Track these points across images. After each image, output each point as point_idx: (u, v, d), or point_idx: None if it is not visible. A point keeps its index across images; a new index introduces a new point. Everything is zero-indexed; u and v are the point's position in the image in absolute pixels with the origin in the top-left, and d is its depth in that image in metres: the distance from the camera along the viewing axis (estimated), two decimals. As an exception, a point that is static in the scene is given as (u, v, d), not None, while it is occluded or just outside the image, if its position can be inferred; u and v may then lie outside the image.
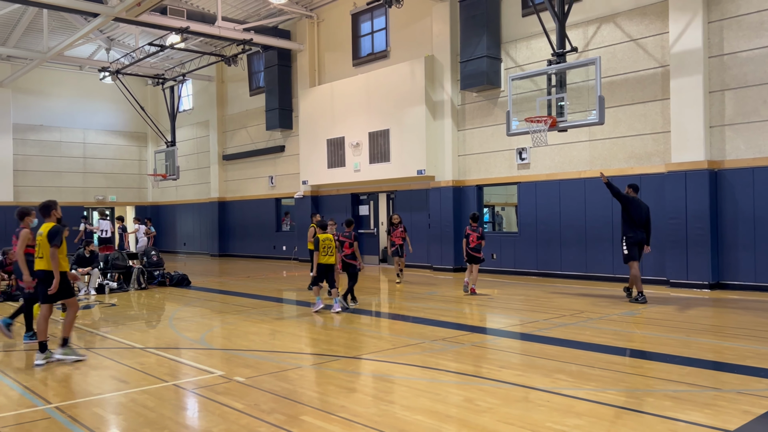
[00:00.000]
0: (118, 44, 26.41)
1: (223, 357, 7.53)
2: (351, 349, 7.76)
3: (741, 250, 12.41)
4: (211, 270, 20.50)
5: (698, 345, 7.51)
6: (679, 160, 13.00)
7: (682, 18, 12.87)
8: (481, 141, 17.14)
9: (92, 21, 18.74)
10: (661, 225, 13.42)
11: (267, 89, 23.61)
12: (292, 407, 5.31)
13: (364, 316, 10.54)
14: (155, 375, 6.55)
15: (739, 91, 12.44)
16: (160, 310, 11.80)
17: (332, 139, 20.74)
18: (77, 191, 28.47)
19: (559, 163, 15.36)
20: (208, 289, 14.65)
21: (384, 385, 6.12)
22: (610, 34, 14.32)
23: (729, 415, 4.82)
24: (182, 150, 27.43)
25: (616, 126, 14.18)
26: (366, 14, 20.65)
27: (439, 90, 17.84)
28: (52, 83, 28.23)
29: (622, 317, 9.54)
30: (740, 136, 12.47)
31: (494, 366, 6.61)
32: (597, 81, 11.30)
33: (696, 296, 11.83)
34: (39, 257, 7.16)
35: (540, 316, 9.88)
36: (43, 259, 7.13)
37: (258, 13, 22.39)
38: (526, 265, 16.04)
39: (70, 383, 6.40)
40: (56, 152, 28.53)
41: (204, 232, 28.05)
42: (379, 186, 20.17)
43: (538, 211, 15.76)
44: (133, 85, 27.65)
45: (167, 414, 5.26)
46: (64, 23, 23.19)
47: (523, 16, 16.09)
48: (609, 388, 5.64)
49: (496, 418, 4.88)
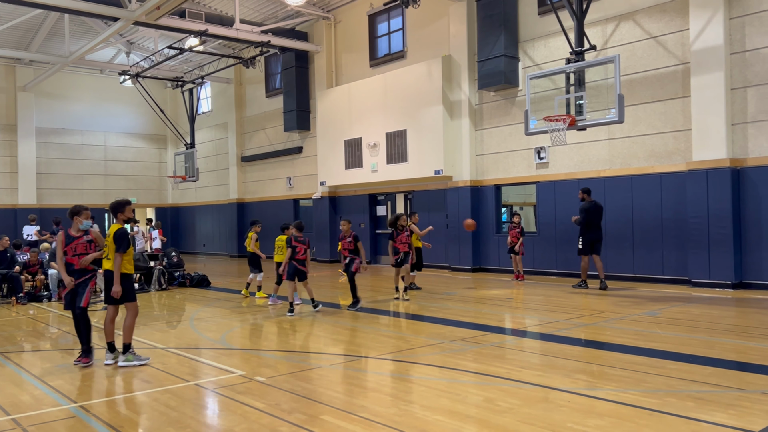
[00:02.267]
0: (137, 48, 26.73)
1: (243, 357, 7.59)
2: (370, 349, 7.78)
3: (764, 249, 12.22)
4: (231, 271, 20.65)
5: (721, 345, 7.42)
6: (700, 159, 12.84)
7: (702, 14, 12.71)
8: (499, 140, 17.08)
9: (112, 25, 19.00)
10: (682, 224, 13.29)
11: (284, 91, 23.73)
12: (312, 407, 5.34)
13: (382, 316, 10.56)
14: (177, 375, 6.62)
15: (762, 88, 12.26)
16: (180, 311, 11.92)
17: (349, 139, 20.79)
18: (98, 193, 28.83)
19: (578, 163, 15.25)
20: (228, 290, 14.75)
21: (404, 385, 6.13)
22: (630, 31, 14.19)
23: (754, 416, 4.76)
24: (201, 152, 27.67)
25: (635, 124, 14.05)
26: (383, 15, 20.66)
27: (456, 90, 17.80)
28: (73, 87, 28.63)
29: (644, 317, 9.45)
30: (763, 134, 12.28)
31: (514, 366, 6.59)
32: (616, 79, 11.20)
33: (719, 296, 11.68)
34: (106, 258, 7.14)
35: (560, 316, 9.82)
36: (110, 260, 7.09)
37: (275, 15, 22.52)
38: (546, 264, 15.95)
39: (95, 383, 6.49)
40: (78, 155, 28.92)
41: (223, 233, 28.27)
42: (396, 186, 20.17)
43: (557, 210, 15.66)
44: (152, 88, 27.95)
45: (189, 413, 5.32)
46: (84, 27, 23.52)
47: (541, 15, 16.00)
48: (630, 389, 5.60)
49: (517, 419, 4.86)
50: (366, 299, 12.45)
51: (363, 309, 10.96)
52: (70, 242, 7.14)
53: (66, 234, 7.22)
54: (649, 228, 13.91)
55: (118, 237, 7.01)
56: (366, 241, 21.27)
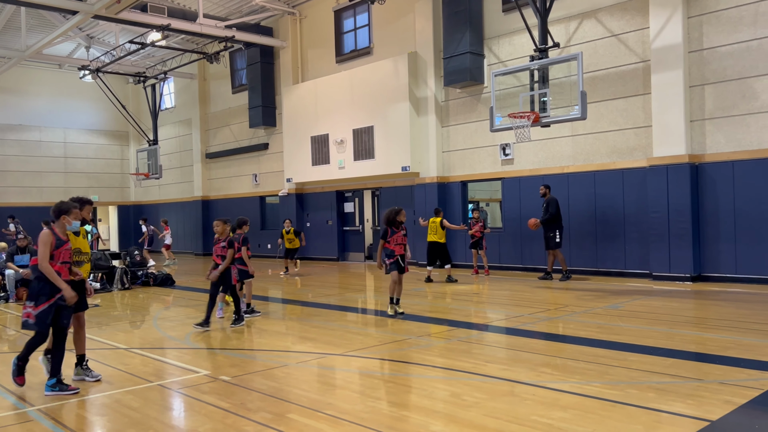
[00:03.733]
0: (98, 42, 26.10)
1: (208, 356, 7.49)
2: (337, 346, 7.75)
3: (722, 242, 12.57)
4: (196, 269, 20.37)
5: (681, 337, 7.60)
6: (660, 155, 13.13)
7: (662, 13, 12.98)
8: (464, 137, 17.19)
9: (71, 19, 18.51)
10: (643, 219, 13.58)
11: (250, 87, 23.47)
12: (278, 405, 5.29)
13: (350, 313, 10.54)
14: (140, 375, 6.50)
15: (719, 86, 12.59)
16: (144, 310, 11.71)
17: (316, 136, 20.68)
18: (58, 191, 28.10)
19: (543, 159, 15.44)
20: (193, 289, 14.55)
21: (371, 381, 6.13)
22: (592, 29, 14.42)
23: (711, 405, 4.88)
24: (165, 149, 27.23)
25: (598, 121, 14.29)
26: (348, 11, 20.59)
27: (422, 86, 17.86)
28: (31, 82, 27.86)
29: (606, 310, 9.63)
30: (720, 131, 12.62)
31: (480, 361, 6.64)
32: (579, 76, 11.36)
33: (678, 289, 11.97)
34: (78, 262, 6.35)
35: (525, 310, 9.94)
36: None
37: (240, 10, 22.25)
38: (511, 259, 16.13)
39: (54, 385, 6.32)
40: (36, 152, 28.18)
41: (188, 231, 27.87)
42: (363, 183, 20.15)
43: (522, 206, 15.84)
44: (113, 83, 27.37)
45: (153, 414, 5.22)
46: (42, 21, 22.87)
47: (505, 12, 16.14)
48: (594, 381, 5.69)
49: (483, 413, 4.90)
50: (334, 296, 12.42)
51: (330, 306, 10.90)
52: (58, 246, 5.83)
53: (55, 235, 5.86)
54: (611, 223, 14.18)
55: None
56: (333, 238, 21.23)
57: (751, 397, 5.06)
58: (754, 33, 12.08)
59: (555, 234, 13.69)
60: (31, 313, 5.72)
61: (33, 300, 5.76)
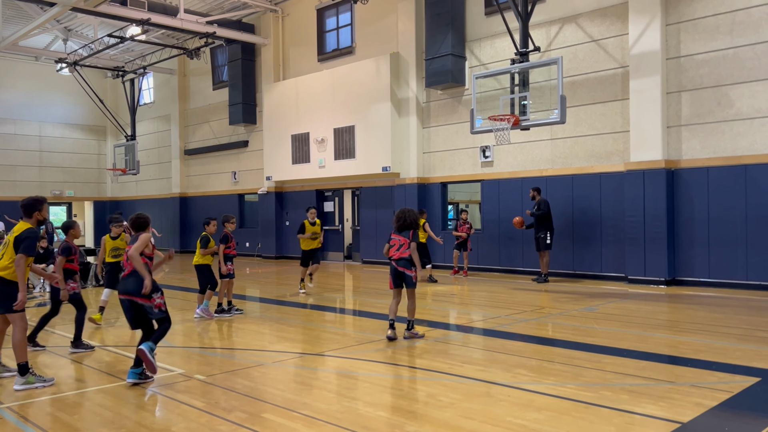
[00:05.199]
0: (76, 35, 25.69)
1: (183, 355, 7.42)
2: (314, 345, 7.73)
3: (696, 247, 12.77)
4: (172, 266, 20.16)
5: (654, 340, 7.70)
6: (637, 159, 13.29)
7: (641, 20, 13.15)
8: (445, 138, 17.24)
9: (48, 10, 18.20)
10: (620, 223, 13.74)
11: (230, 83, 23.29)
12: (253, 405, 5.26)
13: (328, 312, 10.51)
14: (113, 373, 6.42)
15: (695, 93, 12.78)
16: (118, 307, 11.51)
17: (297, 134, 20.60)
18: (33, 186, 27.60)
19: (522, 162, 15.55)
20: (169, 286, 14.39)
21: (347, 381, 6.11)
22: (572, 34, 14.55)
23: (683, 408, 4.95)
24: (143, 144, 26.90)
25: (577, 125, 14.42)
26: (331, 9, 20.54)
27: (404, 87, 17.88)
28: (6, 74, 27.34)
29: (582, 313, 9.72)
30: (696, 137, 12.81)
31: (456, 361, 6.66)
32: (559, 80, 11.46)
33: (653, 292, 12.13)
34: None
35: (502, 311, 10.00)
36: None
37: (221, 6, 22.07)
38: (489, 261, 16.21)
39: (24, 383, 6.20)
40: (11, 145, 27.66)
41: (165, 228, 27.53)
42: (344, 182, 20.11)
43: (501, 208, 15.93)
44: (91, 77, 26.99)
45: (125, 413, 5.15)
46: (19, 12, 22.46)
47: (487, 15, 16.22)
48: (568, 383, 5.74)
49: (458, 414, 4.92)
50: (312, 296, 12.38)
51: (308, 306, 10.84)
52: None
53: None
54: (588, 226, 14.32)
55: (23, 239, 5.88)
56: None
57: (722, 400, 5.14)
58: (731, 42, 12.29)
59: (546, 235, 13.72)
60: (161, 303, 6.19)
61: (159, 291, 6.22)
